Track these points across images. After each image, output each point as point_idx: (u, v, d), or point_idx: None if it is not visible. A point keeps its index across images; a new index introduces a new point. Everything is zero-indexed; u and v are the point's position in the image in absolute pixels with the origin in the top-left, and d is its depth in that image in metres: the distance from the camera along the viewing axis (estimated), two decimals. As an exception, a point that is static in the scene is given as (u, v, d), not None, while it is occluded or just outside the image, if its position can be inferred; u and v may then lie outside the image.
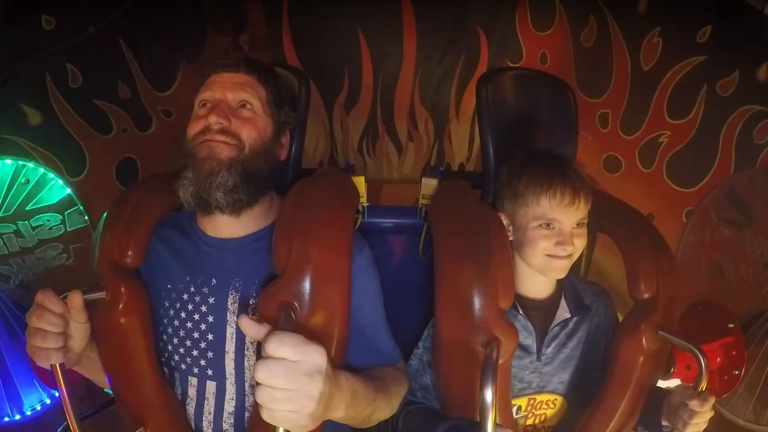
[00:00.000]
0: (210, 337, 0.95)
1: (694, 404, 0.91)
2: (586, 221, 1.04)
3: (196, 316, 0.95)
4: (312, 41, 2.20)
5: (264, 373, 0.60)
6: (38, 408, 1.82)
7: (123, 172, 1.97)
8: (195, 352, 0.96)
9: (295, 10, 2.21)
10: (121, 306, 0.93)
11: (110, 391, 1.01)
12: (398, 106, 2.30)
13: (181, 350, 0.97)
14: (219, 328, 0.95)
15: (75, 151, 1.89)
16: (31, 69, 1.77)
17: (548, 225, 1.02)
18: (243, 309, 0.94)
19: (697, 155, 1.87)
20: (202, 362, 0.96)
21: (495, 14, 2.19)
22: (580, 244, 1.02)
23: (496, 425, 0.77)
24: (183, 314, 0.96)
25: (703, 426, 0.95)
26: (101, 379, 1.00)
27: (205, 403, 0.97)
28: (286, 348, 0.62)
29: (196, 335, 0.95)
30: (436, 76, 2.27)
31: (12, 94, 1.75)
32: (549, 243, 1.01)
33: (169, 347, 0.97)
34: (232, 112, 0.94)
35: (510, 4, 2.19)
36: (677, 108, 1.92)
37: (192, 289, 0.97)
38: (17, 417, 1.80)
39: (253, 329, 0.67)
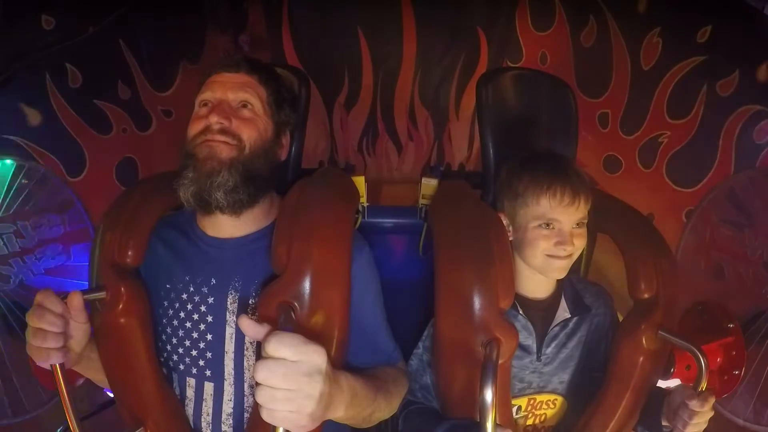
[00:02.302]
0: (209, 337, 0.95)
1: (694, 404, 0.91)
2: (586, 221, 1.04)
3: (195, 316, 0.95)
4: (312, 41, 2.21)
5: (264, 373, 0.60)
6: (38, 408, 1.82)
7: (123, 172, 1.97)
8: (194, 352, 0.96)
9: (295, 10, 2.21)
10: (120, 306, 0.93)
11: (110, 391, 1.01)
12: (398, 105, 2.30)
13: (180, 350, 0.97)
14: (218, 328, 0.95)
15: (75, 151, 1.89)
16: (31, 69, 1.77)
17: (548, 225, 1.02)
18: (242, 309, 0.94)
19: (697, 155, 1.88)
20: (201, 362, 0.96)
21: (495, 14, 2.19)
22: (580, 244, 1.02)
23: (496, 425, 0.77)
24: (182, 314, 0.96)
25: (703, 426, 0.95)
26: (101, 379, 0.99)
27: (204, 404, 0.97)
28: (285, 348, 0.62)
29: (195, 335, 0.95)
30: (435, 76, 2.27)
31: (12, 94, 1.75)
32: (549, 243, 1.01)
33: (168, 347, 0.97)
34: (232, 112, 0.94)
35: (510, 4, 2.19)
36: (677, 108, 1.92)
37: (191, 288, 0.96)
38: (17, 417, 1.80)
39: (252, 329, 0.67)
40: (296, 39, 2.22)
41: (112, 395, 1.02)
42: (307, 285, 0.83)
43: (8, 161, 1.75)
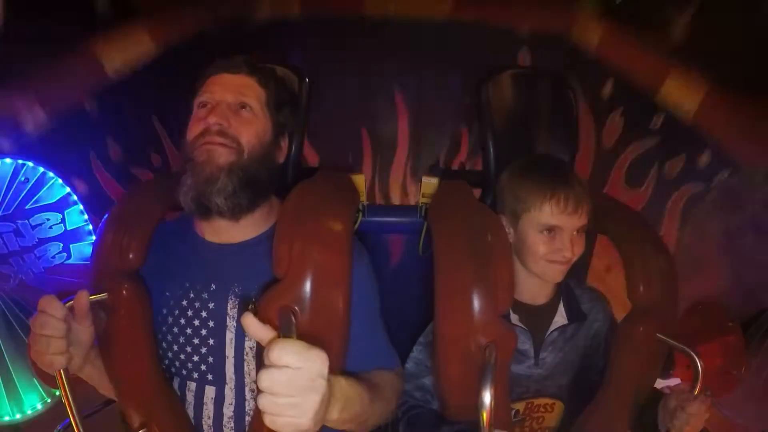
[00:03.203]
0: (211, 342, 0.95)
1: (690, 408, 0.91)
2: (585, 229, 1.04)
3: (196, 322, 0.95)
4: (323, 134, 2.33)
5: (267, 382, 0.61)
6: (38, 407, 1.82)
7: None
8: (195, 358, 0.96)
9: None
10: (123, 308, 0.93)
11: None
12: (393, 180, 2.55)
13: (182, 356, 0.96)
14: (219, 333, 0.95)
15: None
16: (78, 145, 2.04)
17: (550, 231, 1.02)
18: (242, 313, 0.94)
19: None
20: (203, 367, 0.96)
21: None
22: (578, 251, 1.02)
23: (494, 428, 0.77)
24: (182, 320, 0.96)
25: (700, 427, 0.95)
26: (106, 387, 0.99)
27: (204, 408, 0.97)
28: (289, 356, 0.62)
29: (196, 341, 0.95)
30: (423, 161, 2.52)
31: (63, 168, 1.91)
32: (549, 249, 1.01)
33: (170, 353, 0.97)
34: (231, 114, 0.93)
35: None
36: (632, 181, 2.25)
37: (191, 294, 0.96)
38: (17, 416, 1.80)
39: (255, 330, 0.67)
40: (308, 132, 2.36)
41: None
42: (308, 289, 0.82)
43: (8, 161, 1.75)
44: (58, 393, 1.69)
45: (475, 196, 1.20)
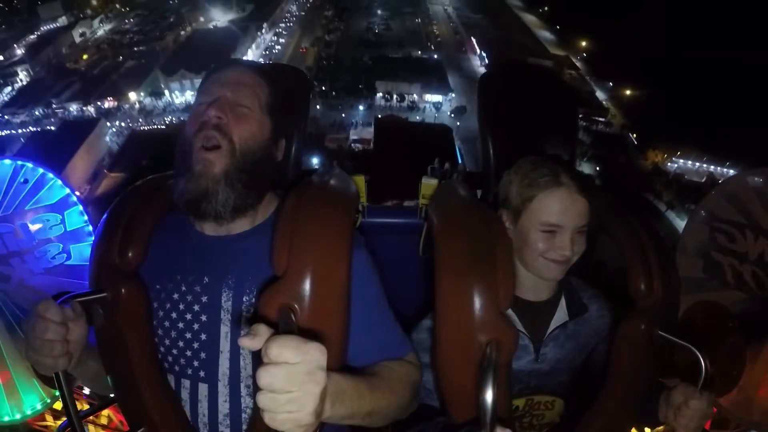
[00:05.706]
0: (203, 336, 0.94)
1: (694, 404, 0.91)
2: (586, 228, 1.04)
3: (188, 316, 0.94)
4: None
5: (267, 379, 0.61)
6: (38, 407, 1.82)
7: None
8: (188, 353, 0.95)
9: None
10: (121, 307, 0.93)
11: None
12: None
13: (174, 351, 0.96)
14: (212, 328, 0.94)
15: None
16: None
17: (551, 230, 1.02)
18: (237, 307, 0.93)
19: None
20: (195, 363, 0.95)
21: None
22: (579, 249, 1.02)
23: (496, 425, 0.77)
24: (174, 314, 0.95)
25: (702, 424, 0.95)
26: (95, 386, 0.99)
27: (199, 405, 0.96)
28: (287, 351, 0.62)
29: (188, 335, 0.94)
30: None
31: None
32: (549, 247, 1.01)
33: (162, 349, 0.97)
34: (230, 108, 0.93)
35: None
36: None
37: (183, 288, 0.95)
38: (17, 416, 1.80)
39: (254, 343, 0.66)
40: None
41: (111, 394, 1.02)
42: (307, 287, 0.82)
43: (7, 162, 1.75)
44: (57, 393, 1.69)
45: (474, 196, 1.21)
